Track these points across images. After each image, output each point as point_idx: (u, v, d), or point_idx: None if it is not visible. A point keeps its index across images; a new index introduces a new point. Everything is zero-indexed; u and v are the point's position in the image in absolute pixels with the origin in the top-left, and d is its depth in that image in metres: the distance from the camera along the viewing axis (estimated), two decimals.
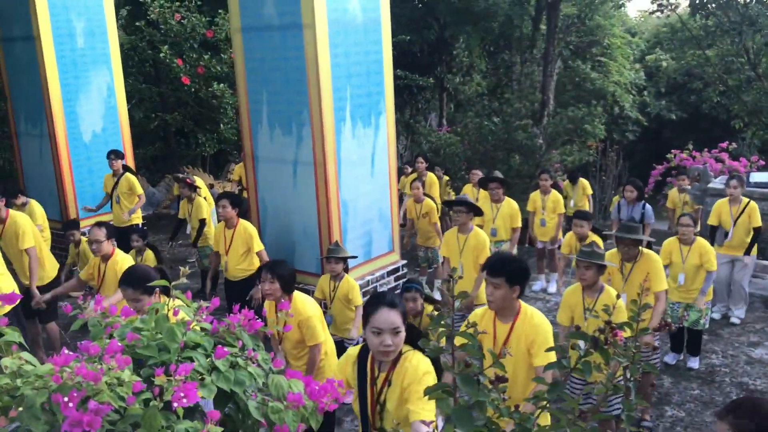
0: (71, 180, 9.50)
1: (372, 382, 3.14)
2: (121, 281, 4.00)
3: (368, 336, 3.04)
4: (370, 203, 7.40)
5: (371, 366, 3.16)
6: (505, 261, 3.79)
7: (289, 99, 6.92)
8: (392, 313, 3.01)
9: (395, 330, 3.00)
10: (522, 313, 3.83)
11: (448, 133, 11.90)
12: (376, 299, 3.08)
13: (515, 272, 3.74)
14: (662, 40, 25.88)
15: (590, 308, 4.78)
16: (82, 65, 9.48)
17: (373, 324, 3.00)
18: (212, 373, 1.98)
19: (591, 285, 4.79)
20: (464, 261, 6.39)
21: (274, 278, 4.66)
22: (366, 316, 3.05)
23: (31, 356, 1.91)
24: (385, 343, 2.98)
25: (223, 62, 12.52)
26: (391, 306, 3.01)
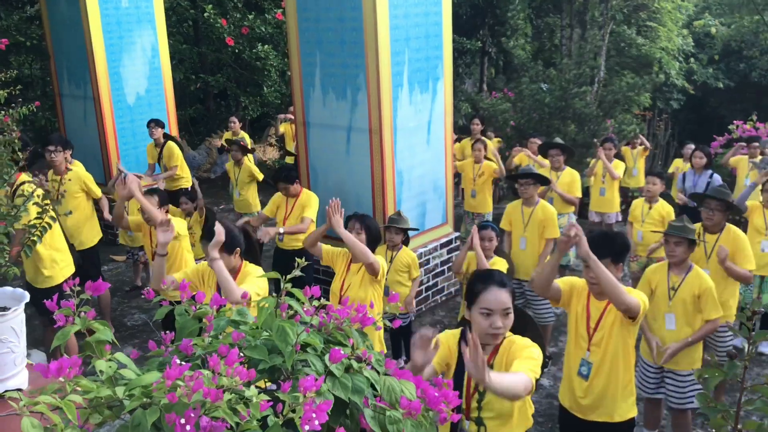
0: (115, 143, 9.32)
1: None
2: (203, 236, 3.83)
3: (475, 317, 2.79)
4: (425, 173, 7.10)
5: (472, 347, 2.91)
6: (609, 239, 3.51)
7: (344, 62, 6.61)
8: (503, 292, 2.76)
9: (506, 311, 2.76)
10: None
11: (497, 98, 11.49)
12: (484, 277, 2.83)
13: (620, 249, 3.48)
14: (711, 5, 24.87)
15: (675, 288, 4.46)
16: (126, 24, 9.22)
17: (482, 304, 2.76)
18: (326, 379, 1.74)
19: (680, 263, 4.46)
20: (529, 235, 6.09)
21: (362, 229, 4.64)
22: (473, 295, 2.80)
23: (126, 357, 1.67)
24: (495, 324, 2.74)
25: (268, 23, 12.18)
26: (501, 285, 2.78)
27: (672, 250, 4.43)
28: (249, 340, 1.76)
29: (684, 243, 4.40)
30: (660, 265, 4.62)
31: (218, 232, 3.54)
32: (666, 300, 4.48)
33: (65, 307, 1.77)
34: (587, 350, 3.61)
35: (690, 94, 22.33)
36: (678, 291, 4.43)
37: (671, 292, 4.47)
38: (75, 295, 1.84)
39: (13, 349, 2.54)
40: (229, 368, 1.42)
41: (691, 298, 4.38)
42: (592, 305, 3.59)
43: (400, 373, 2.01)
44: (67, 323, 1.73)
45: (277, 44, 12.26)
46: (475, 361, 2.27)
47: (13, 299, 2.65)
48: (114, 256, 8.89)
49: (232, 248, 3.76)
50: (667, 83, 21.06)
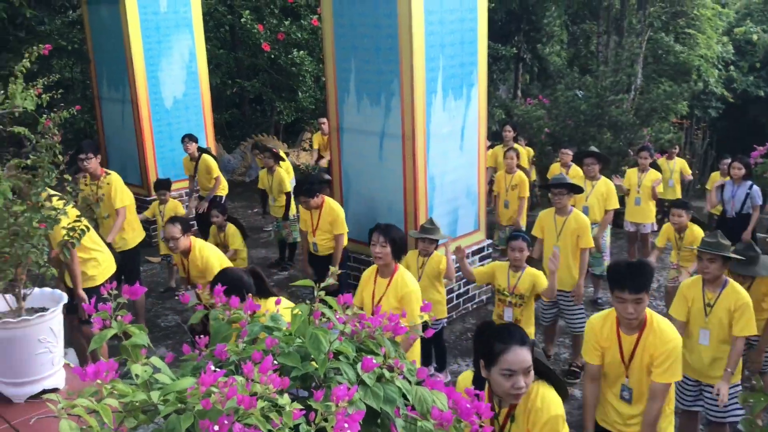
0: (152, 146, 9.46)
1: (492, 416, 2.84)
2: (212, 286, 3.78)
3: (495, 378, 2.67)
4: (457, 179, 7.08)
5: (489, 399, 2.84)
6: (643, 269, 3.42)
7: (378, 68, 6.62)
8: (523, 351, 2.65)
9: (528, 369, 2.66)
10: (648, 323, 3.50)
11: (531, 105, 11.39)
12: (503, 336, 2.68)
13: (651, 279, 3.43)
14: (753, 12, 24.38)
15: (711, 304, 4.38)
16: (165, 29, 9.36)
17: (503, 365, 2.64)
18: (358, 389, 1.74)
19: (714, 279, 4.38)
20: (561, 244, 6.01)
21: (386, 242, 4.52)
22: (492, 355, 2.68)
23: (161, 362, 1.69)
24: (517, 385, 2.63)
25: (303, 29, 12.27)
26: (522, 343, 2.66)
27: (705, 266, 4.35)
28: (282, 347, 1.77)
29: (718, 259, 4.32)
30: (694, 280, 4.54)
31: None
32: (702, 316, 4.41)
33: (102, 311, 1.80)
34: (626, 377, 3.58)
35: (729, 103, 21.93)
36: (714, 308, 4.36)
37: (707, 308, 4.39)
38: (112, 298, 1.87)
39: (51, 349, 2.59)
40: (262, 375, 1.42)
41: (727, 315, 4.31)
42: (623, 340, 3.55)
43: (432, 383, 2.00)
44: (104, 327, 1.75)
45: (312, 50, 12.34)
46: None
47: (52, 300, 2.70)
48: (149, 258, 9.02)
49: (243, 297, 3.74)
50: (705, 91, 20.70)
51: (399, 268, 4.64)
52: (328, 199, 6.56)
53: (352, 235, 6.91)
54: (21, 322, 2.48)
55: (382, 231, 4.60)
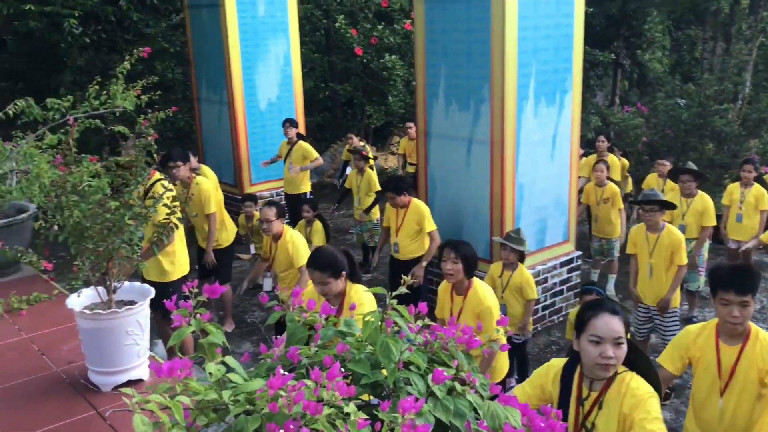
0: (246, 147, 9.74)
1: (578, 402, 2.74)
2: (309, 263, 3.87)
3: (584, 346, 2.62)
4: (547, 188, 6.91)
5: (578, 383, 2.75)
6: (748, 272, 3.25)
7: (469, 73, 6.56)
8: (614, 320, 2.58)
9: (617, 340, 2.57)
10: (753, 334, 3.27)
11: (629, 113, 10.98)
12: (593, 304, 2.69)
13: (758, 283, 3.23)
14: None
15: None
16: (262, 33, 9.63)
17: (592, 331, 2.59)
18: (428, 400, 1.70)
19: None
20: (655, 261, 5.77)
21: (458, 258, 4.42)
22: (582, 323, 2.65)
23: (235, 361, 1.72)
24: (605, 354, 2.55)
25: (396, 33, 12.33)
26: (612, 312, 2.60)
27: None
28: (353, 353, 1.76)
29: None
30: None
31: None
32: None
33: (183, 308, 1.84)
34: (720, 395, 3.35)
35: None
36: None
37: None
38: (193, 296, 1.91)
39: (138, 341, 2.68)
40: (329, 382, 1.41)
41: None
42: (722, 352, 3.33)
43: (506, 399, 1.94)
44: (183, 324, 1.79)
45: (404, 54, 12.39)
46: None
47: (141, 294, 2.81)
48: (240, 254, 9.27)
49: (338, 272, 3.80)
50: None
51: (473, 284, 4.55)
52: (415, 200, 6.55)
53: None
54: (110, 314, 2.59)
55: (453, 247, 4.49)
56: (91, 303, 2.73)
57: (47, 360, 3.08)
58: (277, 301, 2.26)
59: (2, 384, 2.96)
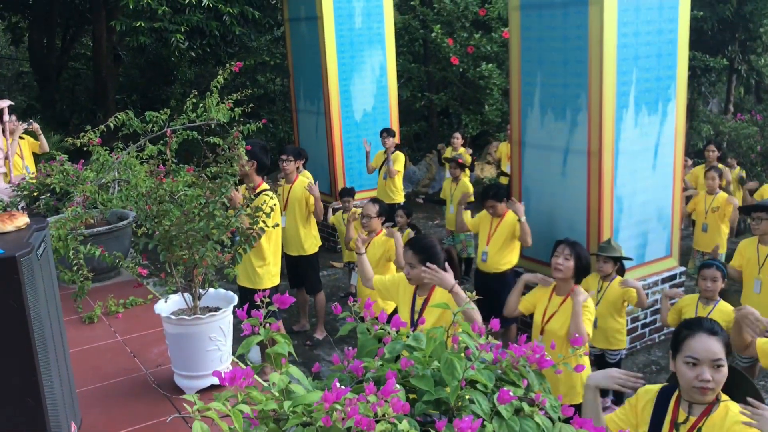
0: (341, 157, 9.89)
1: (673, 425, 2.57)
2: (407, 244, 3.90)
3: (680, 367, 2.48)
4: (648, 200, 6.61)
5: (675, 406, 2.59)
6: None
7: (565, 81, 6.39)
8: (712, 340, 2.42)
9: (716, 362, 2.41)
10: None
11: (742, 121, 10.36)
12: (691, 323, 2.53)
13: None
14: None
15: None
16: (358, 45, 9.76)
17: (688, 352, 2.44)
18: (493, 420, 1.65)
19: None
20: (764, 277, 5.39)
21: (571, 255, 4.32)
22: (678, 343, 2.50)
23: (300, 372, 1.72)
24: (702, 377, 2.39)
25: (494, 41, 12.21)
26: (711, 332, 2.44)
27: None
28: (417, 368, 1.73)
29: None
30: None
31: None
32: None
33: (254, 317, 1.87)
34: None
35: None
36: None
37: None
38: (264, 305, 1.94)
39: (220, 347, 2.76)
40: (383, 398, 1.39)
41: None
42: None
43: (581, 422, 1.85)
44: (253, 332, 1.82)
45: (501, 63, 12.24)
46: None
47: (225, 301, 2.89)
48: (333, 263, 9.41)
49: (438, 263, 3.76)
50: None
51: (576, 289, 4.41)
52: (511, 213, 6.39)
53: (528, 253, 6.71)
54: (194, 320, 2.67)
55: (569, 244, 4.42)
56: (178, 309, 2.84)
57: (138, 362, 3.23)
58: (349, 312, 2.27)
59: (97, 383, 3.13)
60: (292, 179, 6.77)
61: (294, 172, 6.80)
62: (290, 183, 6.77)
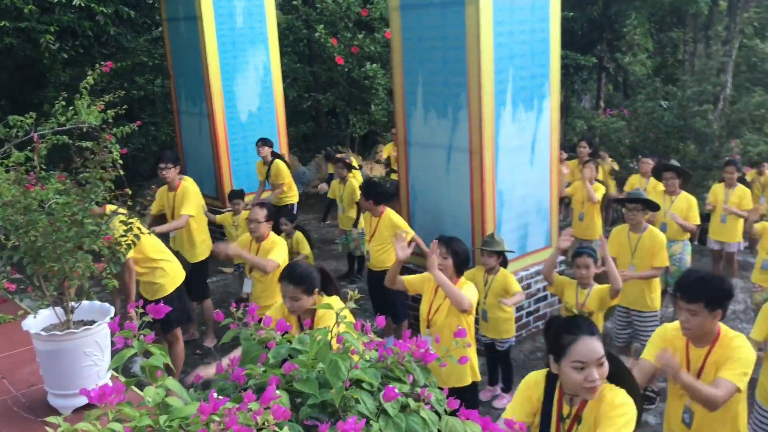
0: (227, 158, 9.68)
1: (559, 419, 2.68)
2: (282, 277, 3.80)
3: (566, 371, 2.54)
4: (527, 194, 6.87)
5: (559, 400, 2.69)
6: (704, 282, 3.18)
7: (446, 80, 6.53)
8: (594, 341, 2.52)
9: (600, 360, 2.51)
10: (722, 338, 3.24)
11: (611, 116, 11.00)
12: (570, 327, 2.58)
13: (717, 295, 3.15)
14: None
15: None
16: (241, 45, 9.58)
17: (574, 357, 2.51)
18: (379, 418, 1.65)
19: None
20: (637, 263, 5.75)
21: (448, 254, 4.37)
22: (560, 347, 2.56)
23: (177, 384, 1.65)
24: (590, 378, 2.49)
25: (377, 41, 12.32)
26: (591, 333, 2.53)
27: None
28: (302, 372, 1.70)
29: None
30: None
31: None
32: None
33: (126, 330, 1.78)
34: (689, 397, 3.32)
35: None
36: None
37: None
38: (138, 317, 1.85)
39: (97, 362, 2.61)
40: (263, 406, 1.35)
41: None
42: (691, 354, 3.30)
43: (467, 413, 1.89)
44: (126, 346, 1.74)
45: (385, 63, 12.38)
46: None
47: (101, 313, 2.74)
48: (222, 268, 9.19)
49: (311, 289, 3.74)
50: None
51: (460, 282, 4.50)
52: (389, 210, 6.44)
53: (417, 250, 6.81)
54: (67, 335, 2.52)
55: (445, 242, 4.46)
56: (50, 324, 2.67)
57: (7, 384, 3.01)
58: (232, 318, 2.21)
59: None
60: (175, 186, 6.55)
61: (176, 179, 6.58)
62: (173, 190, 6.55)
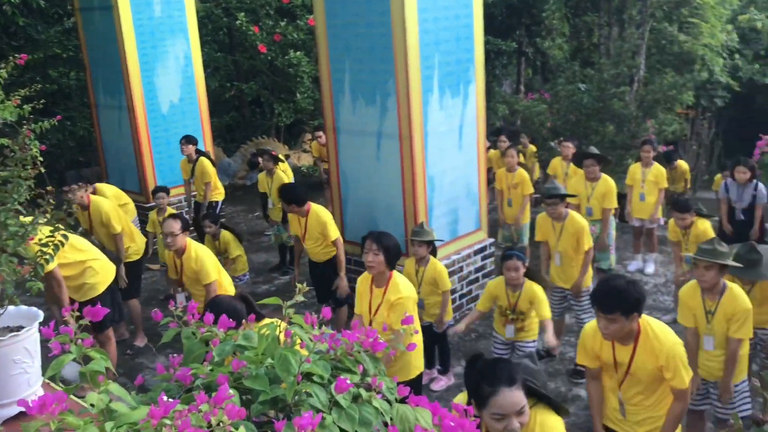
0: (150, 152, 9.38)
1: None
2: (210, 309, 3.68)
3: (487, 420, 2.51)
4: (457, 178, 6.96)
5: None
6: (618, 293, 3.27)
7: (373, 67, 6.52)
8: (514, 392, 2.47)
9: (520, 411, 2.48)
10: (643, 333, 3.39)
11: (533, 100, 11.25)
12: (490, 377, 2.51)
13: (632, 304, 3.26)
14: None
15: (712, 311, 4.27)
16: (160, 34, 9.28)
17: (494, 409, 2.47)
18: (332, 411, 1.63)
19: (711, 287, 4.25)
20: (562, 249, 5.93)
21: (379, 250, 4.38)
22: (480, 397, 2.52)
23: (121, 389, 1.59)
24: (510, 428, 2.46)
25: (300, 29, 12.17)
26: (511, 383, 2.48)
27: (702, 274, 4.21)
28: (251, 369, 1.67)
29: (714, 267, 4.18)
30: (692, 287, 4.41)
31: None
32: (704, 323, 4.34)
33: (63, 334, 1.71)
34: (618, 389, 3.50)
35: (735, 91, 21.69)
36: (715, 314, 4.27)
37: (708, 315, 4.30)
38: (74, 320, 1.78)
39: (27, 369, 2.49)
40: (216, 407, 1.32)
41: (726, 321, 4.22)
42: (617, 351, 3.46)
43: (416, 400, 1.90)
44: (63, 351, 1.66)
45: (309, 50, 12.26)
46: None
47: (28, 318, 2.60)
48: (149, 265, 8.94)
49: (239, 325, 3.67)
50: (711, 80, 20.47)
51: (393, 276, 4.52)
52: (314, 207, 6.34)
53: (351, 238, 6.81)
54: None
55: (375, 239, 4.45)
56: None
57: None
58: (171, 317, 2.15)
59: None
60: (86, 205, 6.36)
61: (85, 197, 6.35)
62: (86, 209, 6.40)
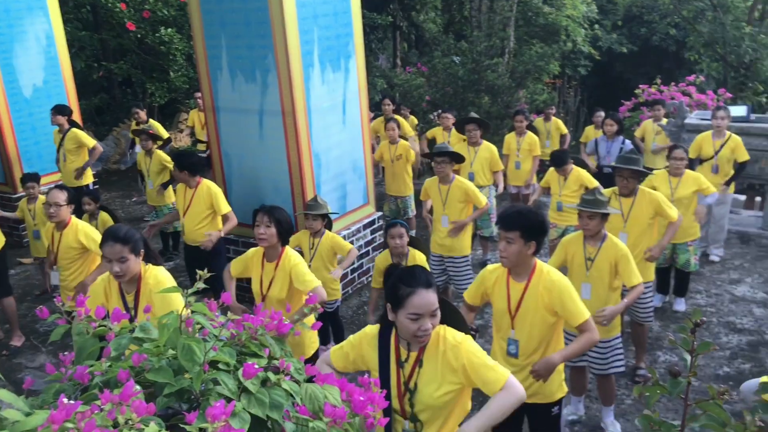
0: (13, 138, 8.74)
1: (399, 365, 2.79)
2: (106, 238, 3.55)
3: (402, 321, 2.66)
4: (342, 154, 6.97)
5: (396, 346, 2.81)
6: (520, 214, 3.46)
7: (250, 43, 6.36)
8: (430, 293, 2.64)
9: (434, 312, 2.65)
10: (537, 271, 3.54)
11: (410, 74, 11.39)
12: (408, 280, 2.67)
13: (532, 226, 3.43)
14: None
15: (592, 258, 4.52)
16: (16, 12, 8.62)
17: (411, 309, 2.62)
18: (241, 397, 1.61)
19: (594, 234, 4.52)
20: (448, 212, 6.06)
21: (271, 222, 4.30)
22: (398, 299, 2.66)
23: (10, 394, 1.49)
24: (423, 327, 2.63)
25: (170, 5, 11.66)
26: (427, 286, 2.65)
27: (585, 223, 4.47)
28: (152, 361, 1.61)
29: (597, 216, 4.45)
30: (575, 235, 4.66)
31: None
32: (583, 270, 4.54)
33: None
34: (511, 328, 3.61)
35: (596, 60, 22.94)
36: (594, 261, 4.49)
37: (588, 262, 4.52)
38: None
39: None
40: (122, 404, 1.27)
41: (607, 268, 4.46)
42: (511, 287, 3.58)
43: (324, 378, 1.90)
44: None
45: (181, 27, 11.79)
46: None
47: None
48: (22, 259, 8.42)
49: (137, 249, 3.58)
50: (574, 50, 21.54)
51: (285, 250, 4.48)
52: (206, 181, 6.12)
53: (238, 219, 6.68)
54: None
55: (267, 211, 4.39)
56: None
57: None
58: (60, 314, 2.03)
59: None
60: None
61: None
62: None
